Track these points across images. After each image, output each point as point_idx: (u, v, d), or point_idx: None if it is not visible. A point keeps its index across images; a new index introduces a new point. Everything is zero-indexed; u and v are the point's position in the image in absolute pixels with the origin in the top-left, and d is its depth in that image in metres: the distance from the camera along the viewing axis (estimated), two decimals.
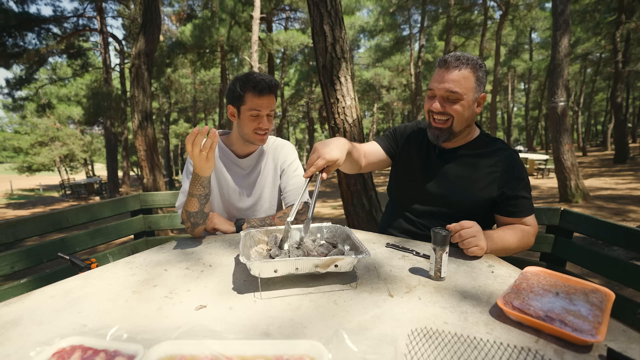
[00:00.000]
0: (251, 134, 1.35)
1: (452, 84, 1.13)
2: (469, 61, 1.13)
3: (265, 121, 1.33)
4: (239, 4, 13.88)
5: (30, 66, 14.73)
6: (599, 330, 0.59)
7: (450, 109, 1.17)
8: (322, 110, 16.28)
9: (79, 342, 0.58)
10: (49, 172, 27.60)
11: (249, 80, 1.28)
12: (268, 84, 1.27)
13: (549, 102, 6.96)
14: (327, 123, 2.98)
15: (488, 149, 1.25)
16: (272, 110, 1.33)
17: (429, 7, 18.35)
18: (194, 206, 1.18)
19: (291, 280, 0.87)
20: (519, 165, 1.21)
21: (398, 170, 1.42)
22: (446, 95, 1.15)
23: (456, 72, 1.13)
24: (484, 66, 1.17)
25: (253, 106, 1.29)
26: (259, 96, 1.28)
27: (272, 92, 1.30)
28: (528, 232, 1.17)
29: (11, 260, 1.25)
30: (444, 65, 1.16)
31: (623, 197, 7.34)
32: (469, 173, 1.24)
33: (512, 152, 1.24)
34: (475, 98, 1.17)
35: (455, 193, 1.24)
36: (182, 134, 32.33)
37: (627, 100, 18.17)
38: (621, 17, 12.43)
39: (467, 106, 1.16)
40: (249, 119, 1.31)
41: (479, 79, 1.15)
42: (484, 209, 1.23)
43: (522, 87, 35.04)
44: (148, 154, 5.36)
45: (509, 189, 1.18)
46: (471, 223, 1.01)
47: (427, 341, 0.61)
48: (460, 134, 1.24)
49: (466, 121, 1.20)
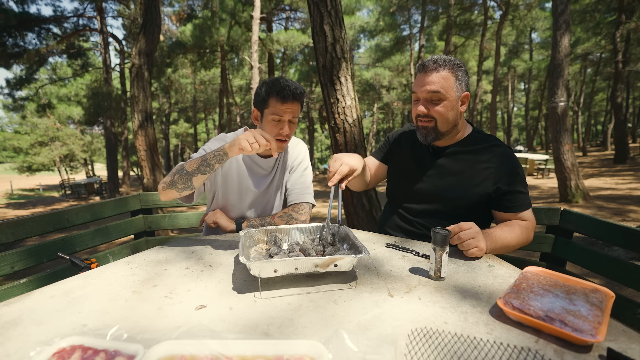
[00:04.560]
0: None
1: (433, 85, 1.16)
2: (446, 62, 1.17)
3: (287, 127, 1.31)
4: (239, 4, 13.88)
5: (30, 66, 14.73)
6: (599, 331, 0.59)
7: (434, 111, 1.19)
8: (322, 110, 16.28)
9: (79, 342, 0.58)
10: (49, 172, 27.62)
11: (274, 85, 1.27)
12: (292, 90, 1.26)
13: (549, 102, 6.96)
14: (327, 123, 2.98)
15: (482, 145, 1.25)
16: (295, 117, 1.32)
17: (429, 7, 18.35)
18: (193, 166, 1.17)
19: (291, 280, 0.87)
20: (514, 161, 1.22)
21: (394, 171, 1.45)
22: (429, 96, 1.19)
23: (435, 73, 1.17)
24: (463, 66, 1.20)
25: (275, 111, 1.28)
26: (282, 102, 1.26)
27: (297, 99, 1.29)
28: (526, 228, 1.17)
29: (11, 260, 1.25)
30: (423, 70, 1.20)
31: (623, 197, 7.34)
32: (464, 170, 1.24)
33: (506, 147, 1.24)
34: (457, 97, 1.20)
35: (450, 190, 1.24)
36: (182, 134, 32.34)
37: (627, 100, 18.16)
38: (621, 17, 12.42)
39: (450, 106, 1.19)
40: (271, 124, 1.30)
41: (458, 78, 1.18)
42: (480, 206, 1.23)
43: (522, 87, 35.04)
44: (148, 154, 5.36)
45: (505, 184, 1.19)
46: (470, 224, 1.01)
47: (427, 341, 0.61)
48: (449, 133, 1.25)
49: (452, 121, 1.22)
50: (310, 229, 1.11)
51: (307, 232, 1.11)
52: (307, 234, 1.11)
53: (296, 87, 1.27)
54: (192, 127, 30.56)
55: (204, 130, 33.61)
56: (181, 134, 32.25)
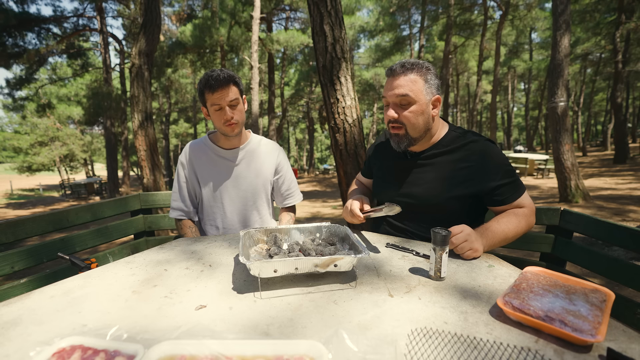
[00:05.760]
0: (222, 127, 1.44)
1: (401, 89, 1.15)
2: (414, 65, 1.16)
3: (228, 112, 1.39)
4: (239, 4, 13.88)
5: (30, 66, 14.71)
6: (599, 330, 0.59)
7: (403, 117, 1.17)
8: (322, 110, 16.27)
9: (79, 342, 0.58)
10: (49, 172, 27.61)
11: (202, 81, 1.38)
12: (216, 79, 1.35)
13: (549, 102, 6.96)
14: (327, 123, 2.98)
15: (459, 144, 1.22)
16: (232, 100, 1.39)
17: (429, 7, 18.33)
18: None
19: (291, 280, 0.87)
20: (494, 154, 1.18)
21: (376, 181, 1.44)
22: (397, 100, 1.17)
23: (403, 77, 1.15)
24: (433, 69, 1.18)
25: (212, 102, 1.39)
26: (213, 92, 1.36)
27: (225, 84, 1.36)
28: (524, 214, 1.16)
29: (11, 260, 1.25)
30: (391, 74, 1.18)
31: (623, 197, 7.33)
32: (442, 172, 1.22)
33: (484, 141, 1.21)
34: (428, 100, 1.17)
35: (431, 196, 1.22)
36: (182, 134, 32.32)
37: (627, 100, 18.15)
38: (621, 17, 12.41)
39: (420, 111, 1.16)
40: (215, 114, 1.41)
41: (428, 81, 1.16)
42: (468, 205, 1.21)
43: (522, 87, 35.03)
44: (148, 154, 5.35)
45: (489, 180, 1.16)
46: (460, 228, 1.01)
47: (427, 341, 0.61)
48: (422, 138, 1.23)
49: (422, 126, 1.19)
50: (310, 229, 1.11)
51: (307, 232, 1.11)
52: (307, 234, 1.11)
53: (220, 74, 1.36)
54: (192, 127, 30.56)
55: (204, 130, 33.61)
56: (181, 134, 32.23)
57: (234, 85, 1.39)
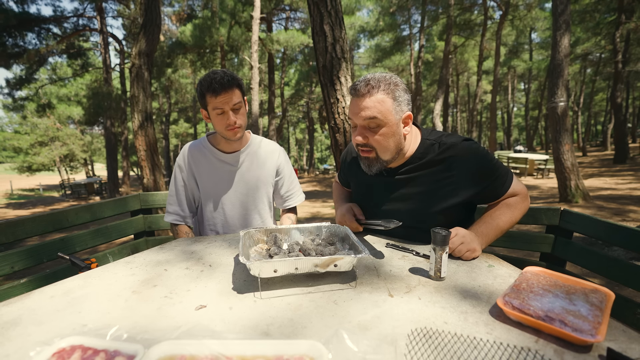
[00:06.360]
0: (224, 131, 1.39)
1: (368, 111, 1.06)
2: (380, 83, 1.06)
3: (231, 116, 1.34)
4: (239, 4, 13.88)
5: (30, 66, 14.72)
6: (598, 330, 0.59)
7: (373, 140, 1.10)
8: (322, 110, 16.28)
9: (79, 342, 0.58)
10: (49, 172, 27.61)
11: (204, 83, 1.31)
12: (220, 82, 1.29)
13: (549, 102, 6.96)
14: (327, 123, 2.98)
15: (436, 154, 1.14)
16: (236, 103, 1.34)
17: (429, 7, 18.33)
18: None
19: (291, 280, 0.87)
20: (476, 155, 1.11)
21: (357, 197, 1.38)
22: (365, 123, 1.09)
23: (369, 98, 1.06)
24: (401, 84, 1.09)
25: (215, 106, 1.33)
26: (216, 96, 1.30)
27: (228, 88, 1.31)
28: (516, 202, 1.15)
29: (11, 260, 1.25)
30: (356, 94, 1.09)
31: (623, 197, 7.33)
32: (423, 188, 1.16)
33: (462, 143, 1.13)
34: (398, 120, 1.08)
35: (417, 214, 1.17)
36: (182, 134, 32.32)
37: (627, 100, 18.16)
38: (621, 17, 12.41)
39: (391, 133, 1.09)
40: (217, 118, 1.36)
41: (396, 99, 1.07)
42: (457, 213, 1.17)
43: (522, 87, 35.02)
44: (148, 154, 5.36)
45: (478, 184, 1.13)
46: (454, 232, 1.00)
47: (427, 341, 0.61)
48: (394, 159, 1.16)
49: (394, 148, 1.12)
50: (310, 229, 1.11)
51: (307, 232, 1.11)
52: (307, 234, 1.11)
53: (223, 77, 1.30)
54: (192, 127, 30.57)
55: (204, 130, 33.61)
56: (181, 134, 32.23)
57: (237, 89, 1.34)
